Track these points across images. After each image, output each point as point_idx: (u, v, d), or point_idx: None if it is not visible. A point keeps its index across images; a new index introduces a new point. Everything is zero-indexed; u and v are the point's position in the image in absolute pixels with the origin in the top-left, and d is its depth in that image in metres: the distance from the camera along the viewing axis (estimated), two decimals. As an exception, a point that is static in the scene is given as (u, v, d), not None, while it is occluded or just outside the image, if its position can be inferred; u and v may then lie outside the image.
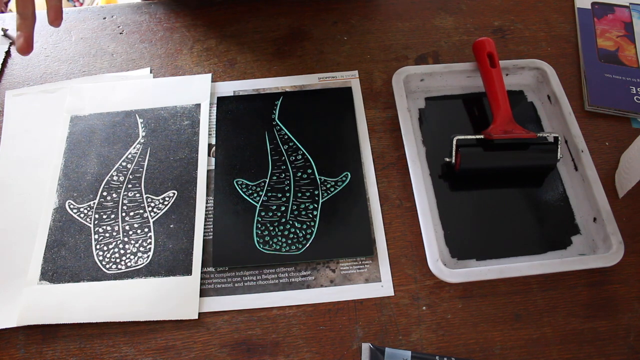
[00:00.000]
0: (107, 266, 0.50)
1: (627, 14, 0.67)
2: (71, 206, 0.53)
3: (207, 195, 0.54)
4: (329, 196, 0.53)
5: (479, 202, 0.53)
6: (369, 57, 0.64)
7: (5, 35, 0.67)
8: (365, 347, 0.45)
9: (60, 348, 0.46)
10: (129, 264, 0.50)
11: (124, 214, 0.53)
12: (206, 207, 0.53)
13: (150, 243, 0.51)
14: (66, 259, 0.50)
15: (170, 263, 0.50)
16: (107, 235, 0.51)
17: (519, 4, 0.69)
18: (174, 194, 0.54)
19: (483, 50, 0.57)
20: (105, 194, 0.54)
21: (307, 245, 0.50)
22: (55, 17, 0.48)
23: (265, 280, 0.49)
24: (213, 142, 0.57)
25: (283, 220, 0.52)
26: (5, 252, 0.51)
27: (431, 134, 0.57)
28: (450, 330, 0.47)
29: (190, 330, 0.47)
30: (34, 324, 0.47)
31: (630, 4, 0.68)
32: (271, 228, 0.51)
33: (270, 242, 0.51)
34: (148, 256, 0.50)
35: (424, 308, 0.48)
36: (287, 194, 0.53)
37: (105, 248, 0.51)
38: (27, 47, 0.46)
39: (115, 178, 0.55)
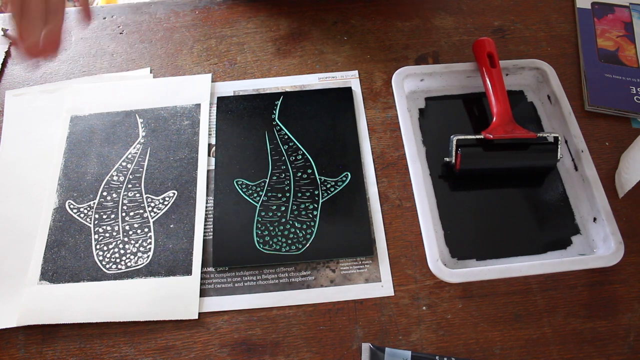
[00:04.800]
0: (107, 266, 0.50)
1: (627, 14, 0.67)
2: (71, 206, 0.53)
3: (207, 195, 0.54)
4: (329, 196, 0.53)
5: (479, 202, 0.53)
6: (369, 57, 0.64)
7: (5, 35, 0.67)
8: (365, 347, 0.45)
9: (60, 348, 0.46)
10: (129, 264, 0.50)
11: (124, 214, 0.53)
12: (206, 207, 0.53)
13: (150, 243, 0.51)
14: (66, 259, 0.50)
15: (170, 263, 0.50)
16: (107, 235, 0.51)
17: (519, 4, 0.69)
18: (174, 194, 0.54)
19: (483, 50, 0.57)
20: (105, 194, 0.54)
21: (307, 245, 0.50)
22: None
23: (265, 280, 0.49)
24: (213, 142, 0.57)
25: (283, 220, 0.52)
26: (5, 252, 0.51)
27: (431, 134, 0.57)
28: (450, 330, 0.47)
29: (190, 330, 0.47)
30: (34, 324, 0.47)
31: (630, 4, 0.68)
32: (271, 228, 0.51)
33: (270, 242, 0.51)
34: (148, 256, 0.50)
35: (424, 308, 0.48)
36: (287, 194, 0.53)
37: (105, 248, 0.51)
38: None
39: (115, 178, 0.55)
